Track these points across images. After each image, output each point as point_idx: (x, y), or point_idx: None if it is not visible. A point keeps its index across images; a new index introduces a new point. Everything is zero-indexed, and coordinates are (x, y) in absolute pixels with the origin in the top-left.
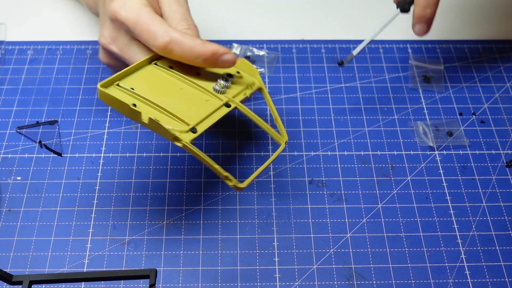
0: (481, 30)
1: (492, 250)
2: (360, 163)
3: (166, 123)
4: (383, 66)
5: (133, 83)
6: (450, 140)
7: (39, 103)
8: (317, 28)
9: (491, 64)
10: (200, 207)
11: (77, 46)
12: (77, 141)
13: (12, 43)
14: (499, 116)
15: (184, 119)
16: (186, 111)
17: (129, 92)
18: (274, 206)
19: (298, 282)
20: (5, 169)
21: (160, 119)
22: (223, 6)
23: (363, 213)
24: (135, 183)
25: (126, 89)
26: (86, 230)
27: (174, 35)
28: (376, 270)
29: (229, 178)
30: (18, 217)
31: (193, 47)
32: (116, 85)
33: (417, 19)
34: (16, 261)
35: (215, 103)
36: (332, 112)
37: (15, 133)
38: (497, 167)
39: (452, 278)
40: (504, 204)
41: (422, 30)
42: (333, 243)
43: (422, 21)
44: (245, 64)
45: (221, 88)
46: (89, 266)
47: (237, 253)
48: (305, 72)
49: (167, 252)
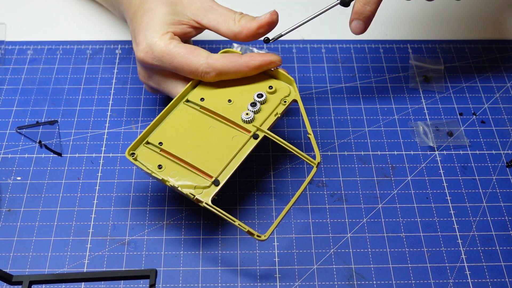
0: (481, 30)
1: (492, 250)
2: (360, 163)
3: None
4: (383, 66)
5: (162, 135)
6: (450, 140)
7: (39, 103)
8: (317, 28)
9: (491, 64)
10: (200, 207)
11: (77, 46)
12: (77, 141)
13: (12, 43)
14: (499, 116)
15: (207, 172)
16: (211, 159)
17: (156, 150)
18: (274, 206)
19: (298, 282)
20: (5, 169)
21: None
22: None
23: (363, 213)
24: (135, 183)
25: (154, 145)
26: (86, 230)
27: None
28: (376, 270)
29: (251, 232)
30: (18, 217)
31: (238, 71)
32: (145, 144)
33: (354, 15)
34: (16, 261)
35: (242, 139)
36: (332, 112)
37: (15, 133)
38: (497, 167)
39: (452, 278)
40: (504, 204)
41: (358, 28)
42: (333, 243)
43: (359, 18)
44: (280, 73)
45: (249, 118)
46: (89, 266)
47: (237, 253)
48: (305, 72)
49: (167, 252)
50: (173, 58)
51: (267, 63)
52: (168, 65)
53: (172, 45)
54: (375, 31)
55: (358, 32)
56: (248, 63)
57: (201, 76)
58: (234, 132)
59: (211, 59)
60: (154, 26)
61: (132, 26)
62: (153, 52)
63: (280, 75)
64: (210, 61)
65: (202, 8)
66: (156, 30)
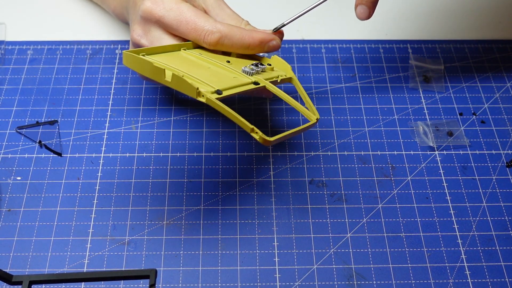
0: (481, 30)
1: (492, 250)
2: (360, 163)
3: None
4: (383, 66)
5: (157, 57)
6: (450, 140)
7: (39, 103)
8: (317, 28)
9: (491, 64)
10: (200, 207)
11: (77, 46)
12: (77, 141)
13: (12, 43)
14: (499, 116)
15: (209, 84)
16: (212, 80)
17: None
18: (274, 206)
19: (298, 282)
20: (5, 169)
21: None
22: None
23: (363, 213)
24: (135, 183)
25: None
26: (86, 230)
27: (223, 30)
28: (376, 270)
29: (255, 130)
30: (18, 217)
31: (242, 39)
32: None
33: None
34: (16, 261)
35: (243, 80)
36: (332, 112)
37: (15, 133)
38: (497, 167)
39: (452, 278)
40: (504, 204)
41: (363, 13)
42: (333, 243)
43: (363, 3)
44: (277, 60)
45: (251, 70)
46: (89, 266)
47: (237, 253)
48: (305, 72)
49: (167, 252)
50: (182, 12)
51: (269, 39)
52: (173, 19)
53: (183, 4)
54: (375, 31)
55: (363, 18)
56: (252, 33)
57: (204, 37)
58: (234, 74)
59: (218, 22)
60: None
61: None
62: (163, 2)
63: (277, 61)
64: (217, 24)
65: (214, 1)
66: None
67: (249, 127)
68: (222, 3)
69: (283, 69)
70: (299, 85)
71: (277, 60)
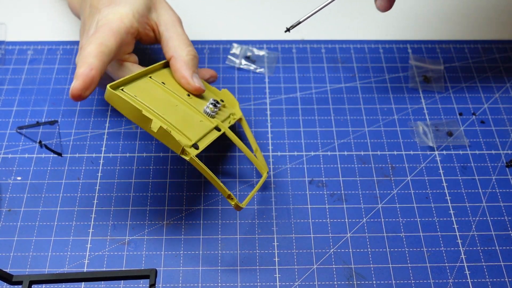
0: (481, 30)
1: (492, 250)
2: (360, 163)
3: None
4: (383, 66)
5: (135, 91)
6: (450, 140)
7: (39, 103)
8: (317, 28)
9: (491, 64)
10: (200, 207)
11: (77, 46)
12: (77, 141)
13: (12, 43)
14: (499, 116)
15: (187, 135)
16: (187, 127)
17: (134, 99)
18: (274, 206)
19: (298, 282)
20: (5, 169)
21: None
22: (224, 6)
23: (363, 213)
24: (135, 183)
25: (131, 95)
26: (86, 230)
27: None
28: (376, 270)
29: (231, 197)
30: (18, 217)
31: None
32: (121, 90)
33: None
34: (16, 261)
35: (208, 125)
36: (332, 112)
37: (15, 133)
38: (497, 167)
39: (452, 278)
40: (504, 204)
41: (383, 5)
42: (333, 243)
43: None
44: (227, 94)
45: (211, 112)
46: (89, 266)
47: (237, 253)
48: (305, 72)
49: (167, 252)
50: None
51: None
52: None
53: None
54: (375, 31)
55: (383, 9)
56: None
57: None
58: (199, 117)
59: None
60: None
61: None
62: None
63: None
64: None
65: (168, 18)
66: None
67: (226, 193)
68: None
69: (231, 105)
70: (247, 129)
71: (227, 95)
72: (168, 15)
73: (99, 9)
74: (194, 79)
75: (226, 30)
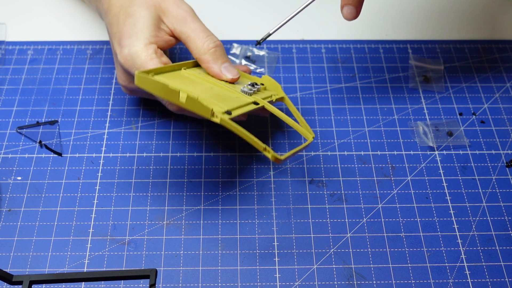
0: (481, 30)
1: (492, 250)
2: (360, 163)
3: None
4: (383, 66)
5: (165, 77)
6: (450, 140)
7: (39, 103)
8: (317, 28)
9: (491, 64)
10: (200, 207)
11: (77, 46)
12: (77, 141)
13: (12, 43)
14: (499, 116)
15: (218, 104)
16: (220, 100)
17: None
18: (274, 206)
19: (298, 282)
20: (5, 169)
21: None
22: (224, 6)
23: (363, 213)
24: (135, 183)
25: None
26: (86, 230)
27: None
28: (376, 270)
29: (268, 149)
30: (18, 217)
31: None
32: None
33: (344, 0)
34: (16, 261)
35: (244, 100)
36: (332, 112)
37: (15, 133)
38: (497, 167)
39: (452, 278)
40: (504, 204)
41: (350, 13)
42: (333, 243)
43: (350, 3)
44: (268, 79)
45: (249, 90)
46: (89, 266)
47: (237, 253)
48: (305, 72)
49: (167, 252)
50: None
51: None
52: None
53: (152, 62)
54: (375, 31)
55: (350, 18)
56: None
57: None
58: (236, 95)
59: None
60: (137, 33)
61: (113, 29)
62: (133, 62)
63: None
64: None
65: (177, 18)
66: (139, 39)
67: (261, 146)
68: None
69: (274, 88)
70: (291, 105)
71: (268, 79)
72: (177, 16)
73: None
74: (224, 71)
75: (226, 30)
